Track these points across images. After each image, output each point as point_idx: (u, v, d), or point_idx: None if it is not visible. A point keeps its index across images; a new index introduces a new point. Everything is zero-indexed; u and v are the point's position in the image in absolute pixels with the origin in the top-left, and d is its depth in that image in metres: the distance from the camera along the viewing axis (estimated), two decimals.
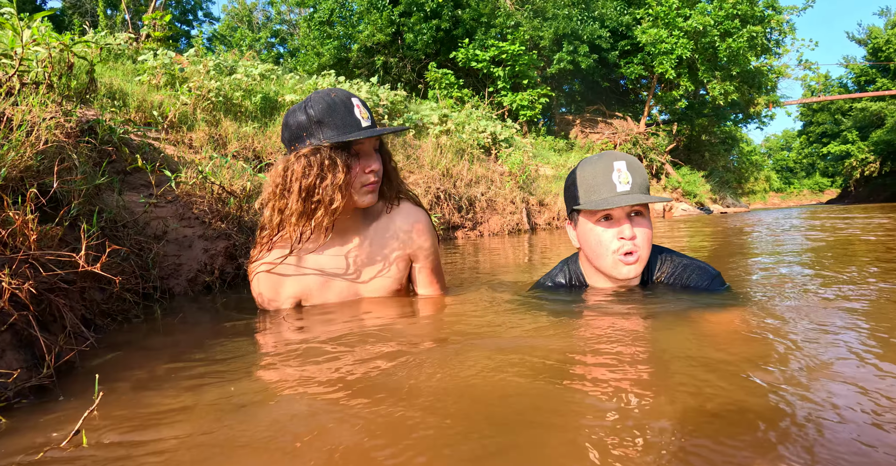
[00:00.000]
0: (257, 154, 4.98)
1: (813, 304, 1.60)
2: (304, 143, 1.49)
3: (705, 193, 21.55)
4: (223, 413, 0.88)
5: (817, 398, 0.85)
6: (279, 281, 1.62)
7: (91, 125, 2.73)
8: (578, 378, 0.97)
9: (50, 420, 0.86)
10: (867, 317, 1.40)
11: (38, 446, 0.76)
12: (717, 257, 3.43)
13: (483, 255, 4.33)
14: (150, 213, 2.46)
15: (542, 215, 9.97)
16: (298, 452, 0.73)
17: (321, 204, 1.47)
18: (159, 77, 5.19)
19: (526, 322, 1.41)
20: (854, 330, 1.26)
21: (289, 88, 7.04)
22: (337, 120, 1.47)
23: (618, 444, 0.71)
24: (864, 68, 40.16)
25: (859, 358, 1.04)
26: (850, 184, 40.45)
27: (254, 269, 1.63)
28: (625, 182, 1.54)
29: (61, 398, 0.97)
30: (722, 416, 0.79)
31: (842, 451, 0.69)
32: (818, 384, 0.91)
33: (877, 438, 0.72)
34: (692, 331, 1.25)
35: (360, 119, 1.50)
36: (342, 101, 1.50)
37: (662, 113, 24.10)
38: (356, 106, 1.51)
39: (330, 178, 1.46)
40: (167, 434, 0.80)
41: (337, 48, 17.69)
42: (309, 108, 1.48)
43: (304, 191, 1.46)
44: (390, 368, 1.08)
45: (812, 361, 1.03)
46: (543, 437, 0.75)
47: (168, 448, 0.75)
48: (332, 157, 1.46)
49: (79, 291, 1.35)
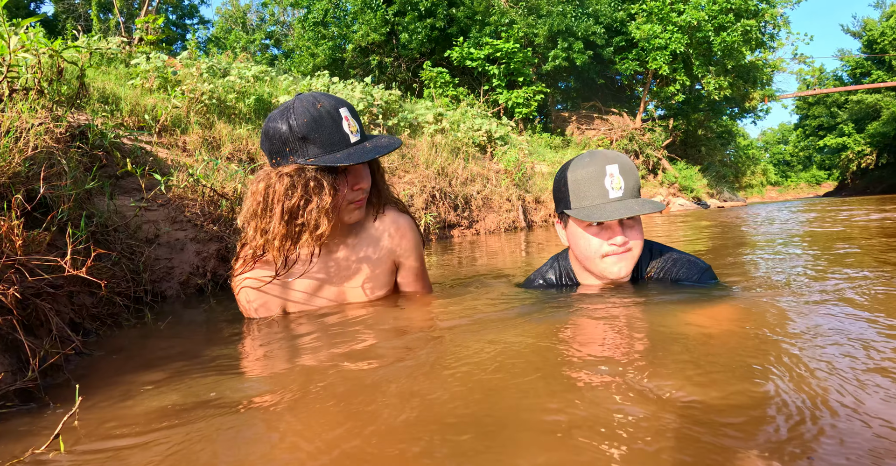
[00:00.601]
0: (251, 156, 4.99)
1: (806, 295, 1.61)
2: (286, 159, 1.36)
3: (702, 187, 21.57)
4: (209, 419, 0.88)
5: (810, 391, 0.86)
6: (266, 292, 1.57)
7: (82, 130, 2.73)
8: (567, 371, 0.98)
9: (32, 426, 0.87)
10: (863, 308, 1.41)
11: (17, 451, 0.76)
12: (712, 249, 3.44)
13: (479, 252, 4.34)
14: (141, 216, 2.47)
15: (539, 212, 9.98)
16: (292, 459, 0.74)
17: (306, 228, 1.36)
18: (152, 80, 5.19)
19: (516, 321, 1.42)
20: (851, 320, 1.27)
21: (283, 89, 7.05)
22: (323, 136, 1.34)
23: (610, 440, 0.72)
24: (859, 61, 40.20)
25: (852, 353, 1.05)
26: (847, 176, 40.56)
27: (238, 282, 1.55)
28: (617, 188, 1.52)
29: (46, 402, 0.98)
30: (717, 411, 0.79)
31: (834, 443, 0.70)
32: (811, 377, 0.92)
33: (871, 428, 0.73)
34: (683, 326, 1.26)
35: (348, 134, 1.38)
36: (328, 113, 1.36)
37: (658, 108, 24.12)
38: (344, 118, 1.39)
39: (315, 201, 1.34)
40: (149, 440, 0.81)
41: (331, 49, 17.70)
42: (291, 119, 1.34)
43: (286, 213, 1.34)
44: (381, 370, 1.09)
45: (804, 354, 1.04)
46: (529, 435, 0.76)
47: (149, 456, 0.76)
48: (318, 178, 1.34)
49: (66, 295, 1.35)
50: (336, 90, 7.92)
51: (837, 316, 1.33)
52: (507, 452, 0.70)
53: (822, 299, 1.55)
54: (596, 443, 0.71)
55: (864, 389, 0.85)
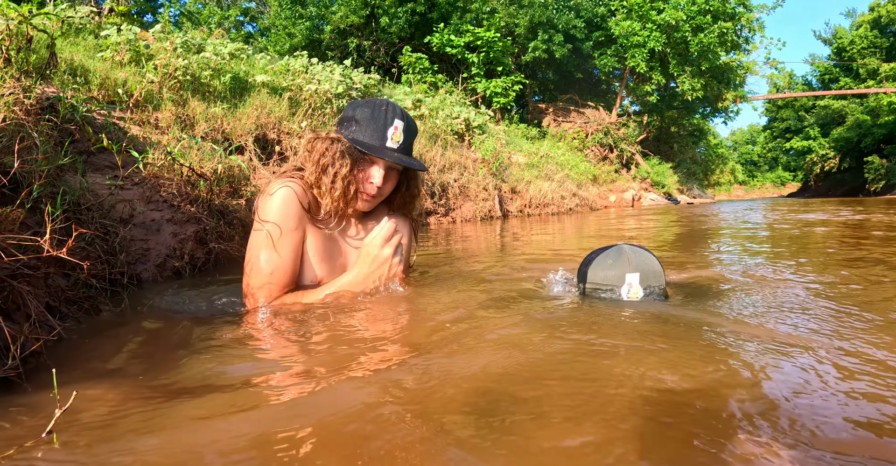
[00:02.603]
0: (227, 136, 4.86)
1: (764, 288, 1.65)
2: (339, 129, 1.65)
3: (673, 183, 21.97)
4: (192, 408, 0.85)
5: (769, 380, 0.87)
6: (299, 211, 1.60)
7: (52, 103, 2.61)
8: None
9: (18, 417, 0.82)
10: (818, 296, 1.45)
11: (4, 445, 0.72)
12: (680, 242, 3.50)
13: (455, 241, 4.33)
14: (115, 195, 2.37)
15: (515, 202, 10.02)
16: (274, 454, 0.72)
17: (329, 186, 1.59)
18: (123, 53, 4.98)
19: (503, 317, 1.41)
20: (810, 311, 1.31)
21: (259, 68, 6.85)
22: (369, 127, 1.60)
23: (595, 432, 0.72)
24: (828, 67, 41.34)
25: (809, 344, 1.07)
26: (811, 178, 41.85)
27: (283, 184, 1.59)
28: (634, 297, 1.51)
29: (29, 391, 0.93)
30: (689, 405, 0.80)
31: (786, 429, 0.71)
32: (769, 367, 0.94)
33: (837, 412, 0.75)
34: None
35: (387, 137, 1.60)
36: (384, 116, 1.61)
37: (634, 104, 24.40)
38: (395, 127, 1.61)
39: (337, 166, 1.57)
40: (138, 432, 0.78)
41: (309, 29, 17.31)
42: (359, 107, 1.64)
43: (318, 165, 1.59)
44: (364, 361, 1.07)
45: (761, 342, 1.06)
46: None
47: (141, 450, 0.73)
48: (345, 152, 1.59)
49: (43, 277, 1.29)
50: (315, 71, 7.74)
51: (800, 306, 1.37)
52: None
53: (786, 290, 1.59)
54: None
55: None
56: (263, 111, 5.52)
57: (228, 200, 3.05)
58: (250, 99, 5.69)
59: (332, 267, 1.70)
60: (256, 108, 5.48)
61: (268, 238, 1.53)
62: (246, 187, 3.43)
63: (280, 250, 1.54)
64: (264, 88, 6.15)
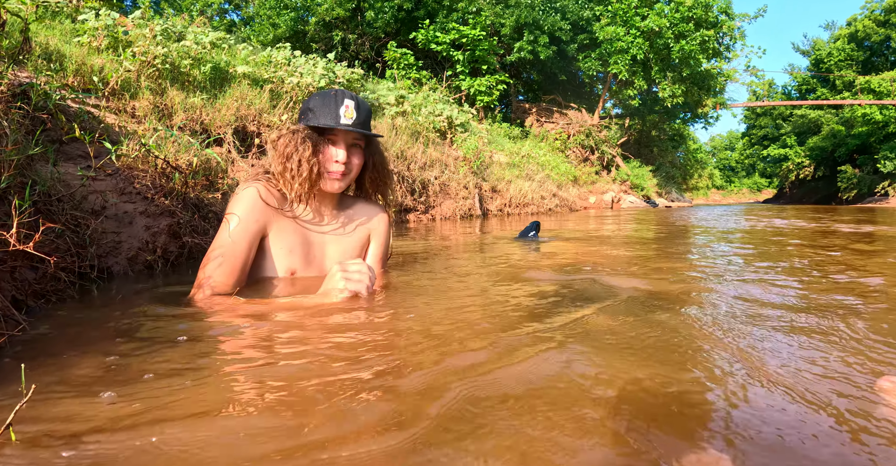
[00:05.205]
0: (205, 127, 4.80)
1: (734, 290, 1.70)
2: (300, 121, 1.79)
3: (652, 186, 22.27)
4: (155, 405, 0.86)
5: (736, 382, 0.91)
6: (266, 208, 1.73)
7: (24, 89, 2.56)
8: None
9: None
10: (786, 296, 1.50)
11: None
12: (658, 241, 3.57)
13: (433, 238, 4.35)
14: (87, 186, 2.34)
15: (495, 201, 10.07)
16: (249, 451, 0.73)
17: (295, 172, 1.71)
18: (101, 39, 4.89)
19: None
20: (781, 311, 1.36)
21: (241, 58, 6.76)
22: (323, 111, 1.72)
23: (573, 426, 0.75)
24: (806, 78, 42.26)
25: (783, 344, 1.12)
26: (786, 185, 42.78)
27: (254, 181, 1.76)
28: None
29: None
30: (656, 400, 0.84)
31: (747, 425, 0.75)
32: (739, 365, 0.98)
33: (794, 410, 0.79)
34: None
35: (340, 115, 1.71)
36: (336, 98, 1.73)
37: (616, 107, 24.65)
38: (346, 106, 1.72)
39: (300, 152, 1.70)
40: (98, 427, 0.78)
41: (294, 20, 17.12)
42: (312, 99, 1.77)
43: (282, 157, 1.72)
44: (340, 356, 1.09)
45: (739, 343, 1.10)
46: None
47: (100, 444, 0.74)
48: (304, 137, 1.72)
49: (9, 270, 1.28)
50: (297, 64, 7.67)
51: (768, 303, 1.42)
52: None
53: (755, 292, 1.64)
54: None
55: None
56: (244, 103, 5.46)
57: (204, 193, 3.02)
58: (230, 90, 5.62)
59: (306, 256, 1.82)
60: (237, 99, 5.42)
61: (225, 225, 1.68)
62: (223, 180, 3.41)
63: (233, 235, 1.66)
64: (245, 80, 6.09)
